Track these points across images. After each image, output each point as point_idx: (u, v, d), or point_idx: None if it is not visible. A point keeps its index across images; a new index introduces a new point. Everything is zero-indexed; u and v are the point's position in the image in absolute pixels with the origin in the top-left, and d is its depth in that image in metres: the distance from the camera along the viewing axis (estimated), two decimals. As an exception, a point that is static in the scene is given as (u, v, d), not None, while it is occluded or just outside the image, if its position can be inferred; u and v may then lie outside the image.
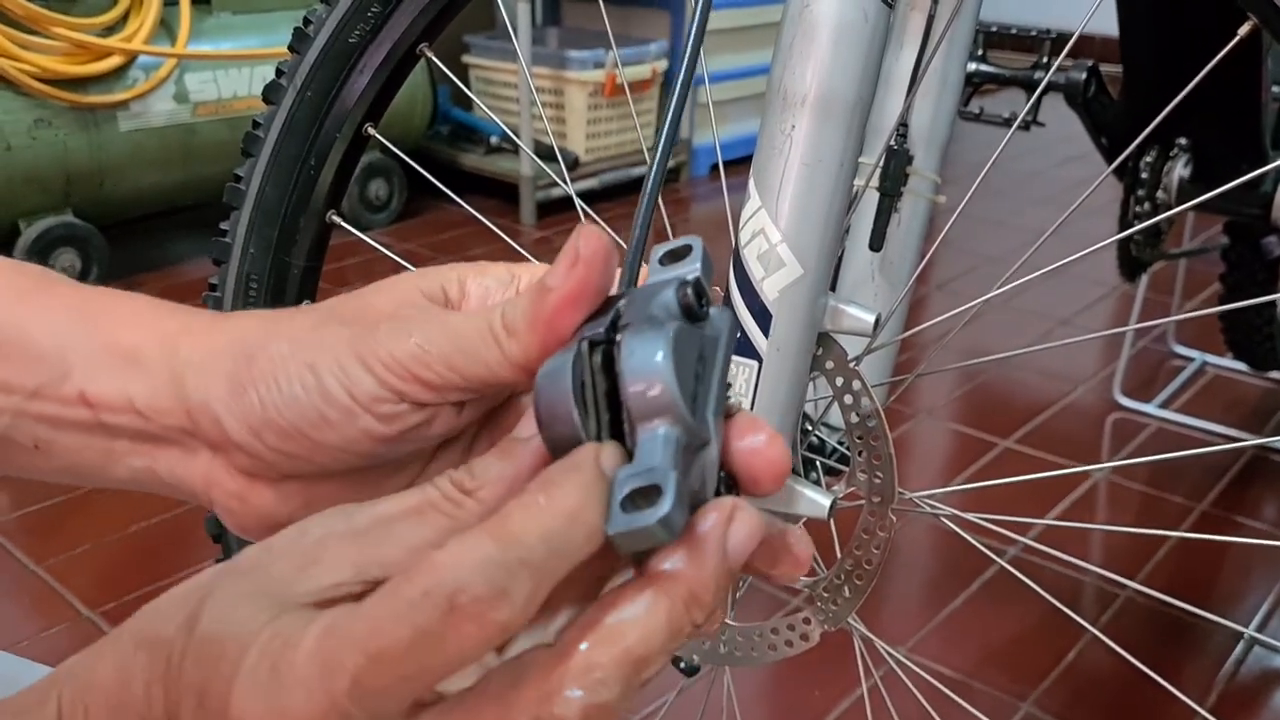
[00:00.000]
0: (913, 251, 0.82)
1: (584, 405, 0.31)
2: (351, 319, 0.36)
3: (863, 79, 0.60)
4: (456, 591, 0.27)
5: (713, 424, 0.31)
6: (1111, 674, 1.27)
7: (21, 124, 2.07)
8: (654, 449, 0.29)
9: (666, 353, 0.30)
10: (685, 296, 0.32)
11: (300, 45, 0.78)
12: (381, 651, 0.27)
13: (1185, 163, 1.25)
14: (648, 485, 0.29)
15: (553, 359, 0.32)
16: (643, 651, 0.29)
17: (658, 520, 0.28)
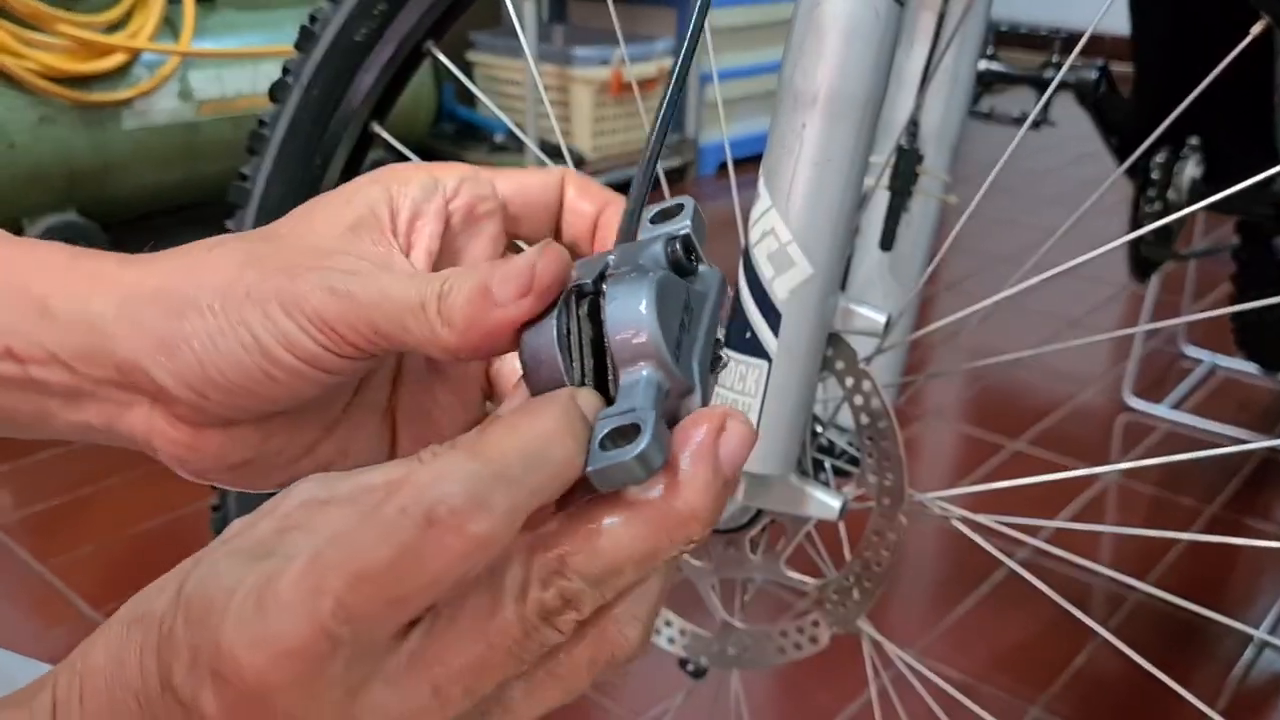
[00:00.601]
0: (923, 251, 0.81)
1: (569, 353, 0.31)
2: (277, 260, 0.35)
3: (874, 77, 0.59)
4: (434, 505, 0.27)
5: (697, 373, 0.31)
6: (1121, 677, 1.26)
7: (25, 121, 2.06)
8: (635, 391, 0.30)
9: (650, 297, 0.30)
10: (673, 251, 0.32)
11: (306, 43, 0.77)
12: (363, 571, 0.26)
13: (1196, 162, 1.24)
14: (627, 425, 0.29)
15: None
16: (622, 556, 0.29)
17: (634, 456, 0.28)
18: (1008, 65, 1.16)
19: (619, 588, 0.29)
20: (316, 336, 0.34)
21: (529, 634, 0.28)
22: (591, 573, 0.29)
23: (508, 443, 0.28)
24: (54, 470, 1.66)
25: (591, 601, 0.29)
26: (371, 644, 0.28)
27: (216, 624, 0.28)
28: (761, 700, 1.23)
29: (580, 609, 0.29)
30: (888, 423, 0.66)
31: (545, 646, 0.29)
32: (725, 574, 0.74)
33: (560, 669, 0.30)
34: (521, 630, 0.28)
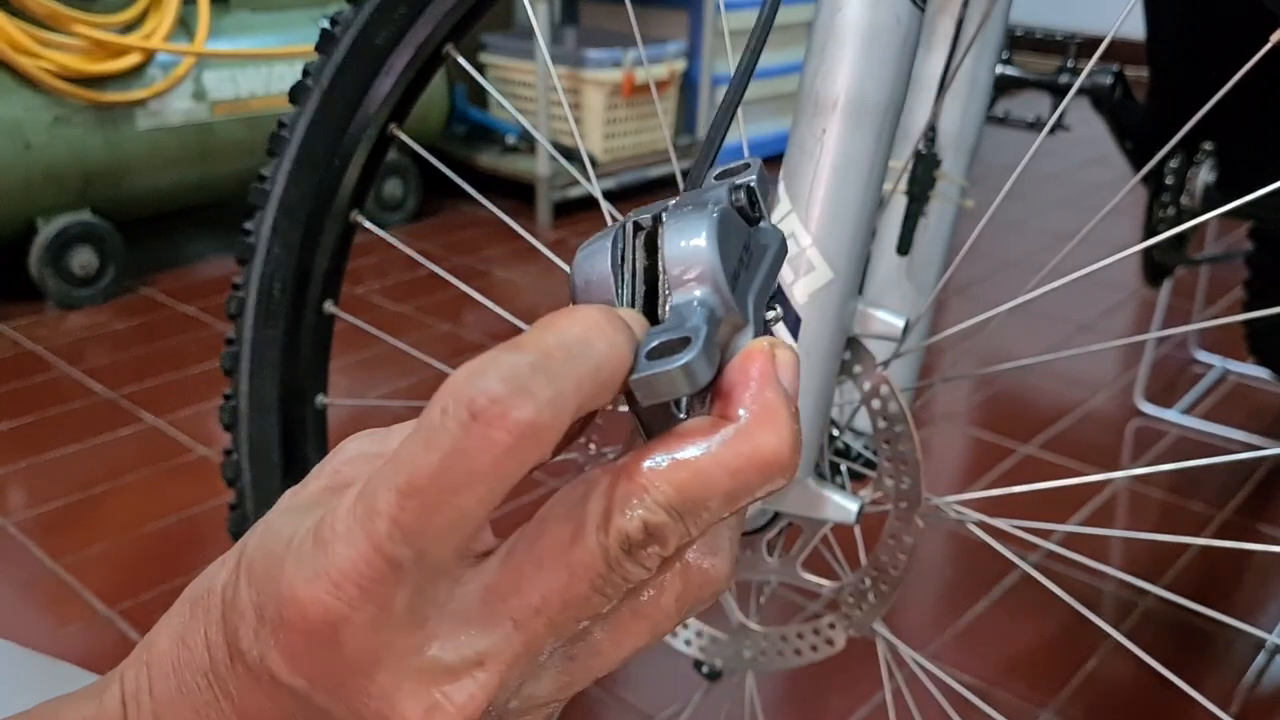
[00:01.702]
0: (940, 255, 0.81)
1: (620, 277, 0.30)
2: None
3: (894, 83, 0.59)
4: (474, 398, 0.25)
5: (752, 310, 0.30)
6: (1133, 681, 1.26)
7: (41, 122, 2.08)
8: (687, 311, 0.28)
9: (712, 222, 0.28)
10: (737, 197, 0.31)
11: (327, 46, 0.77)
12: (412, 483, 0.25)
13: (1210, 167, 1.24)
14: (675, 339, 0.27)
15: (595, 237, 0.31)
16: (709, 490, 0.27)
17: (681, 365, 0.26)
18: (1023, 70, 1.16)
19: (704, 524, 0.27)
20: None
21: (613, 566, 0.27)
22: (677, 505, 0.27)
23: (547, 336, 0.26)
24: (67, 468, 1.67)
25: (676, 536, 0.27)
26: (437, 567, 0.26)
27: (276, 572, 0.27)
28: (775, 701, 1.24)
29: (665, 544, 0.27)
30: (904, 427, 0.66)
31: (629, 582, 0.27)
32: (741, 576, 0.74)
33: (646, 607, 0.29)
34: (605, 562, 0.27)
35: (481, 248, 2.59)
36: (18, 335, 2.11)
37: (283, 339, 0.83)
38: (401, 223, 2.71)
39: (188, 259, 2.52)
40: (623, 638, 0.29)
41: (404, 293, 2.31)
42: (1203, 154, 1.23)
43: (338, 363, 0.90)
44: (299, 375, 0.85)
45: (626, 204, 2.82)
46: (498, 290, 2.36)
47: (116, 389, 1.91)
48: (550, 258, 0.82)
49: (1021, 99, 1.22)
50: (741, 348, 0.29)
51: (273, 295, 0.82)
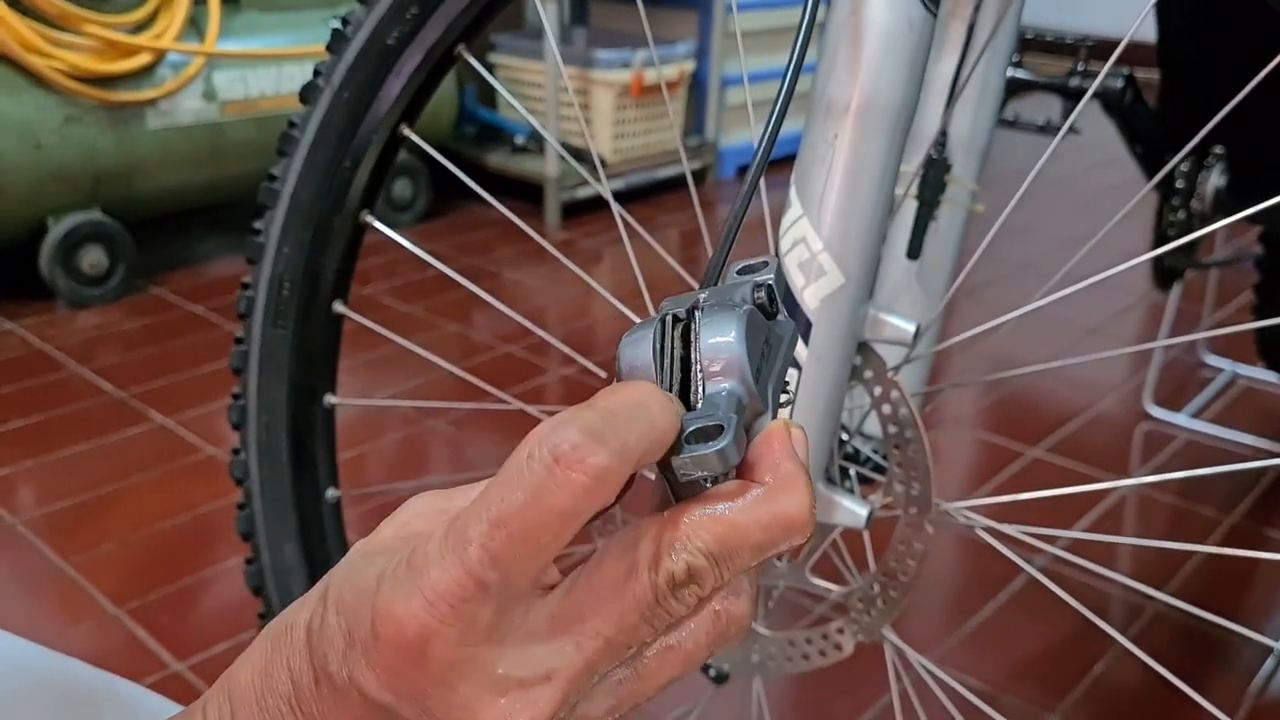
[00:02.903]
0: (950, 260, 0.81)
1: (660, 364, 0.34)
2: None
3: (907, 87, 0.59)
4: (557, 444, 0.29)
5: (771, 398, 0.35)
6: (1140, 686, 1.26)
7: (51, 121, 2.08)
8: (718, 401, 0.33)
9: (740, 323, 0.33)
10: (759, 295, 0.35)
11: (338, 46, 0.77)
12: (502, 516, 0.29)
13: (1221, 171, 1.23)
14: (710, 425, 0.32)
15: (636, 328, 0.35)
16: (742, 541, 0.32)
17: (717, 450, 0.31)
18: (1034, 73, 1.16)
19: (736, 570, 0.32)
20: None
21: (659, 600, 0.31)
22: (715, 552, 0.31)
23: (613, 399, 0.31)
24: (77, 468, 1.67)
25: (713, 579, 0.32)
26: (517, 592, 0.30)
27: (370, 599, 0.30)
28: (783, 705, 1.24)
29: (703, 585, 0.31)
30: (915, 432, 0.66)
31: (672, 616, 0.32)
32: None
33: (684, 641, 0.33)
34: (654, 596, 0.31)
35: (491, 248, 2.59)
36: (28, 334, 2.12)
37: (292, 339, 0.83)
38: (411, 223, 2.72)
39: (198, 259, 2.53)
40: (662, 666, 0.33)
41: (413, 293, 2.32)
42: (1213, 158, 1.23)
43: (346, 362, 0.90)
44: (308, 375, 0.85)
45: (635, 205, 2.82)
46: (507, 291, 2.36)
47: (126, 388, 1.92)
48: (559, 258, 0.82)
49: (1031, 101, 1.21)
50: (762, 429, 0.34)
51: (282, 295, 0.83)
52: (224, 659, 1.27)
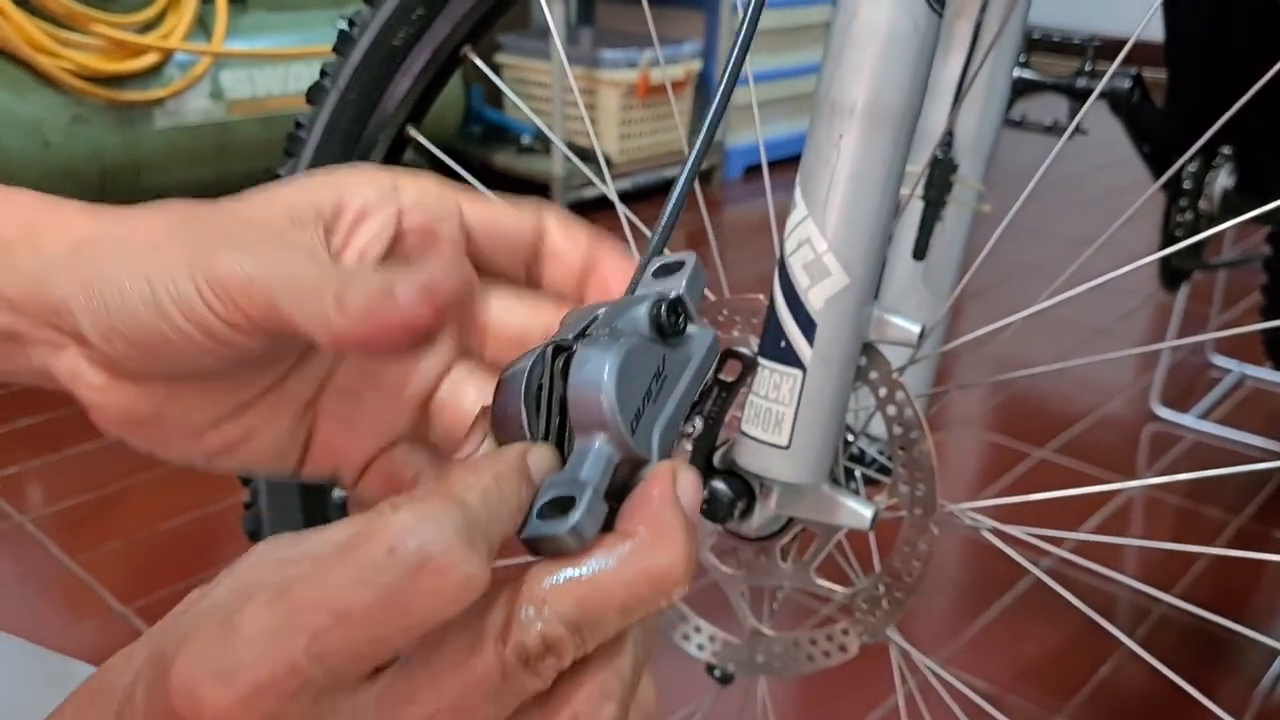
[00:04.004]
0: (956, 261, 0.81)
1: (537, 409, 0.32)
2: (205, 229, 0.35)
3: (912, 88, 0.59)
4: (425, 545, 0.26)
5: (657, 445, 0.32)
6: (1146, 689, 1.25)
7: (59, 121, 2.09)
8: (584, 460, 0.30)
9: (613, 368, 0.30)
10: (658, 314, 0.33)
11: (345, 47, 0.78)
12: (346, 611, 0.26)
13: (1229, 171, 1.23)
14: (565, 496, 0.29)
15: (520, 358, 0.32)
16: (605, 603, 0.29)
17: (567, 529, 0.29)
18: (1040, 73, 1.15)
19: (601, 637, 0.29)
20: (211, 301, 0.33)
21: (508, 677, 0.28)
22: (574, 618, 0.28)
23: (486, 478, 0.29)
24: (84, 466, 1.68)
25: (573, 649, 0.28)
26: (341, 683, 0.27)
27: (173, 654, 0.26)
28: (787, 705, 1.23)
29: (562, 656, 0.28)
30: (920, 433, 0.66)
31: (525, 693, 0.28)
32: (755, 581, 0.74)
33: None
34: (501, 672, 0.28)
35: (496, 248, 2.59)
36: (35, 332, 2.13)
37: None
38: (417, 222, 2.72)
39: (204, 257, 2.53)
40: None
41: (419, 292, 2.32)
42: (1221, 158, 1.22)
43: (353, 363, 0.89)
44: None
45: (641, 205, 2.81)
46: (512, 290, 2.36)
47: (132, 387, 1.92)
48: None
49: (1038, 101, 1.21)
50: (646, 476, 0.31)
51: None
52: (230, 658, 1.27)
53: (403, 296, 0.32)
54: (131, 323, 0.34)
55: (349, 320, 0.33)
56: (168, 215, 0.36)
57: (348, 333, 0.33)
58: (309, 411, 0.40)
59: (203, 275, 0.33)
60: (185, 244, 0.34)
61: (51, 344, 0.36)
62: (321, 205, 0.37)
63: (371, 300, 0.33)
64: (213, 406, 0.38)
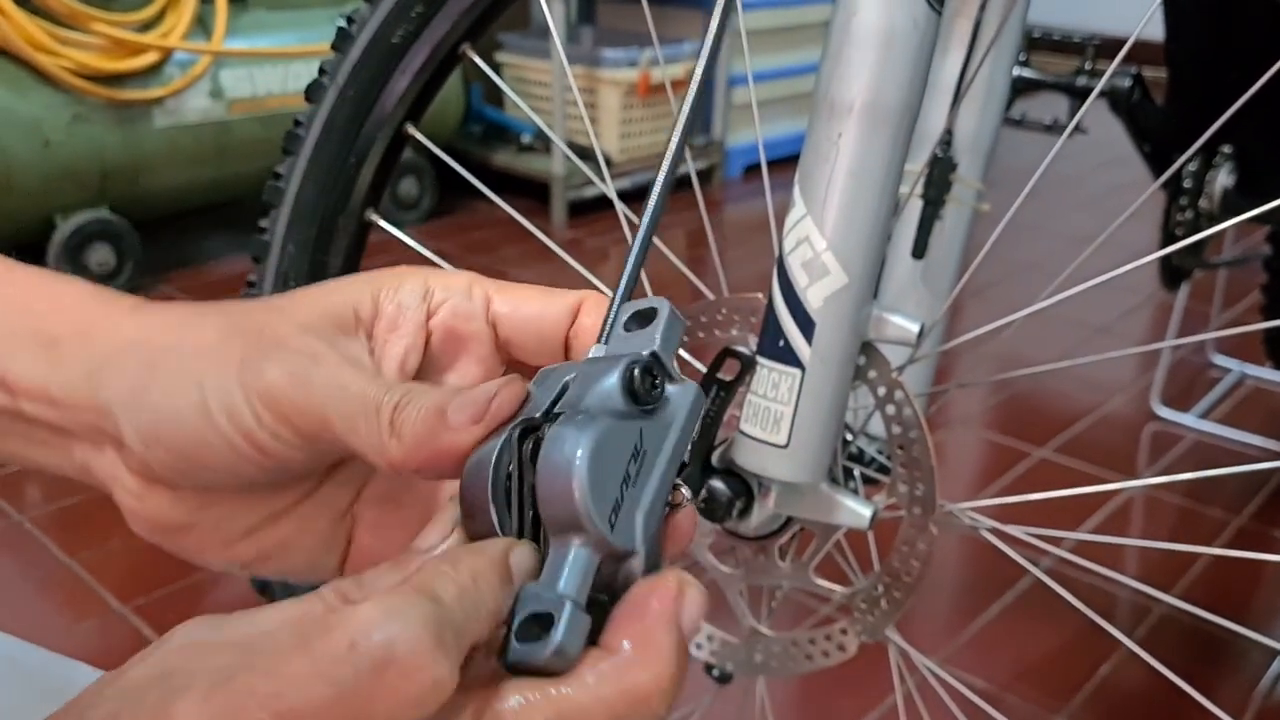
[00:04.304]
0: (955, 260, 0.81)
1: (508, 499, 0.30)
2: (256, 337, 0.35)
3: (911, 87, 0.59)
4: (391, 642, 0.24)
5: (640, 533, 0.30)
6: (1146, 689, 1.25)
7: (59, 119, 2.08)
8: (560, 568, 0.29)
9: (583, 464, 0.28)
10: (631, 380, 0.30)
11: (343, 44, 0.77)
12: (294, 710, 0.23)
13: (1229, 170, 1.23)
14: (544, 612, 0.28)
15: (484, 445, 0.31)
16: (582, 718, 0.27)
17: (549, 653, 0.27)
18: (1040, 71, 1.15)
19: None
20: (261, 414, 0.33)
21: None
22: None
23: (459, 576, 0.27)
24: (83, 465, 1.67)
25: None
26: None
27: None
28: (786, 705, 1.23)
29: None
30: (919, 432, 0.66)
31: None
32: (754, 580, 0.74)
33: None
34: None
35: (496, 247, 2.59)
36: (35, 331, 2.12)
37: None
38: (417, 222, 2.72)
39: (204, 257, 2.53)
40: None
41: (419, 291, 2.32)
42: (1221, 157, 1.22)
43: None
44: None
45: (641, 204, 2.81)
46: (512, 290, 2.36)
47: (132, 386, 1.92)
48: (565, 258, 0.82)
49: (1038, 100, 1.21)
50: (635, 570, 0.30)
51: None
52: (229, 657, 1.27)
53: (455, 420, 0.32)
54: (176, 429, 0.34)
55: (404, 446, 0.32)
56: (218, 320, 0.36)
57: (403, 459, 0.32)
58: (345, 519, 0.39)
59: (254, 387, 0.33)
60: (236, 353, 0.34)
61: (91, 443, 0.36)
62: (362, 310, 0.37)
63: (425, 426, 0.32)
64: (247, 516, 0.37)
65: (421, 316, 0.37)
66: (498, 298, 0.38)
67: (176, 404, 0.34)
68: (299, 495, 0.38)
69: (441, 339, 0.38)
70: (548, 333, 0.38)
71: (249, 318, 0.36)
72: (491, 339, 0.38)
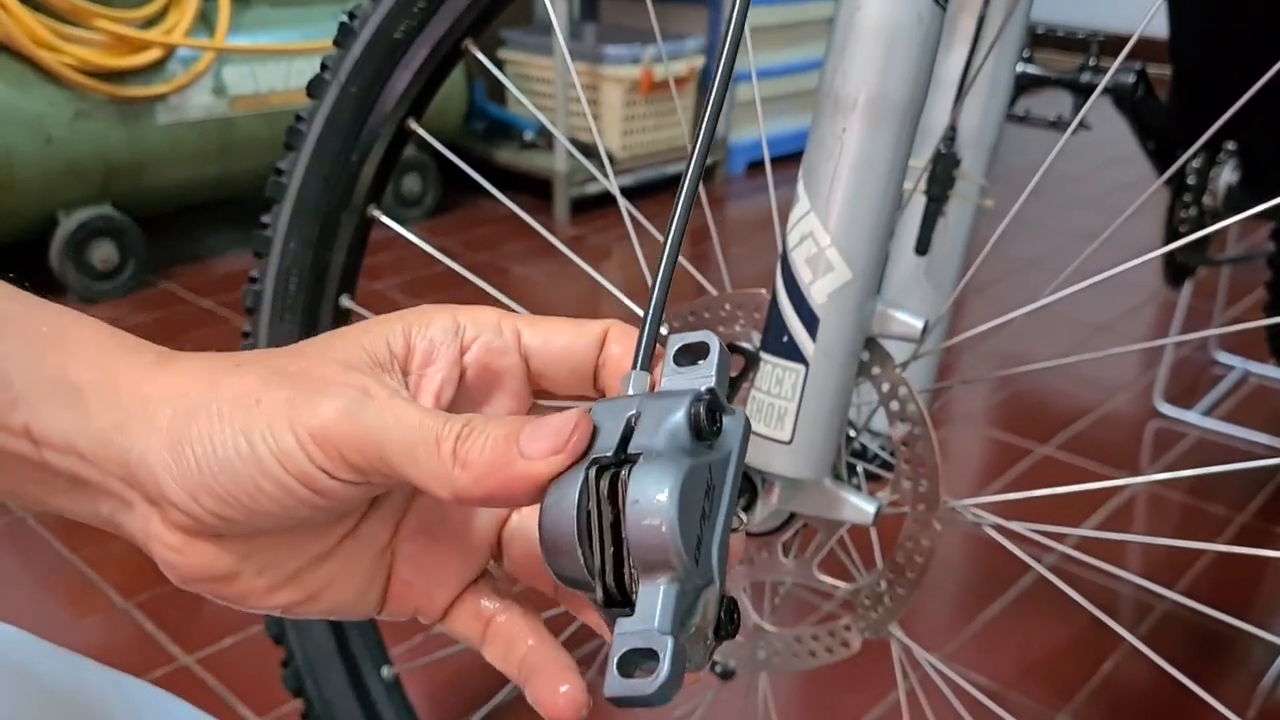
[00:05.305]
0: (959, 256, 0.81)
1: (589, 536, 0.31)
2: (297, 379, 0.35)
3: (915, 82, 0.59)
4: None
5: (716, 561, 0.31)
6: (1149, 686, 1.25)
7: (62, 116, 2.09)
8: (653, 605, 0.30)
9: (672, 507, 0.29)
10: (698, 418, 0.31)
11: (345, 40, 0.77)
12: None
13: (1233, 167, 1.23)
14: (644, 648, 0.29)
15: (560, 480, 0.31)
16: None
17: (655, 690, 0.29)
18: (1044, 68, 1.15)
19: None
20: (314, 453, 0.33)
21: None
22: None
23: None
24: (86, 461, 1.68)
25: None
26: None
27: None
28: (789, 701, 1.23)
29: None
30: (923, 428, 0.65)
31: None
32: (757, 577, 0.74)
33: None
34: None
35: (500, 244, 2.59)
36: (38, 328, 2.12)
37: (299, 333, 0.83)
38: (420, 218, 2.72)
39: (208, 253, 2.53)
40: None
41: (422, 288, 2.32)
42: (1225, 154, 1.22)
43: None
44: (316, 371, 0.85)
45: (644, 201, 2.82)
46: (515, 287, 2.36)
47: (135, 382, 1.92)
48: (568, 255, 0.82)
49: (1042, 97, 1.21)
50: (710, 599, 0.32)
51: (289, 290, 0.83)
52: (232, 653, 1.27)
53: (531, 450, 0.32)
54: (224, 479, 0.34)
55: (471, 474, 0.32)
56: (255, 369, 0.35)
57: (469, 487, 0.32)
58: (385, 554, 0.39)
59: (304, 427, 0.33)
60: (282, 396, 0.34)
61: (120, 498, 0.36)
62: (395, 347, 0.37)
63: (495, 454, 0.32)
64: (290, 560, 0.37)
65: (455, 352, 0.38)
66: (527, 331, 0.39)
67: (224, 455, 0.34)
68: (341, 534, 0.38)
69: (476, 374, 0.38)
70: (578, 364, 0.38)
71: (288, 362, 0.36)
72: (524, 372, 0.39)
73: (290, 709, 1.17)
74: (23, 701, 0.48)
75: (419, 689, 1.15)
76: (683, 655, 0.30)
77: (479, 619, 0.39)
